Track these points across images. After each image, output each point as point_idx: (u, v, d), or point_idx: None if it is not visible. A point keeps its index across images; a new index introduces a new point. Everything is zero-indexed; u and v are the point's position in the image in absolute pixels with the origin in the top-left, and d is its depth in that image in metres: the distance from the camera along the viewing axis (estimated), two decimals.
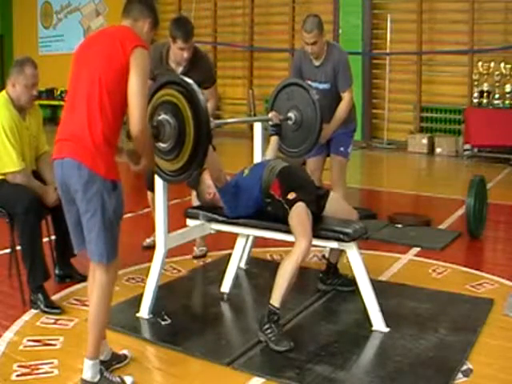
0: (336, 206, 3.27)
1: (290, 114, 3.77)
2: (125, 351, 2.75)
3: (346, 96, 4.09)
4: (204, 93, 4.09)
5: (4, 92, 3.42)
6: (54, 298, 3.42)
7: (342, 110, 4.08)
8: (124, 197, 2.46)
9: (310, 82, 4.08)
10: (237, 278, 3.61)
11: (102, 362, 2.51)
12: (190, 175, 2.79)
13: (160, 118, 2.65)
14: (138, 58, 2.34)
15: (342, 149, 4.27)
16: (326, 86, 4.11)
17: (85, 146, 2.32)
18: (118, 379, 2.49)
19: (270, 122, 3.69)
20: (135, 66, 2.33)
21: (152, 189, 3.41)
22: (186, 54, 3.79)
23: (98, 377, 2.43)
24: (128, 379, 2.52)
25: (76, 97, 2.40)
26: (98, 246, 2.39)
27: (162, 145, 2.69)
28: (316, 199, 3.18)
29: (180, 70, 3.91)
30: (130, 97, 2.33)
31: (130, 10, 2.52)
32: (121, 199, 2.43)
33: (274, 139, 3.69)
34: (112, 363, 2.62)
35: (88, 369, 2.43)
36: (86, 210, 2.35)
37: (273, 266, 3.52)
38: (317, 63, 4.11)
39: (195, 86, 2.66)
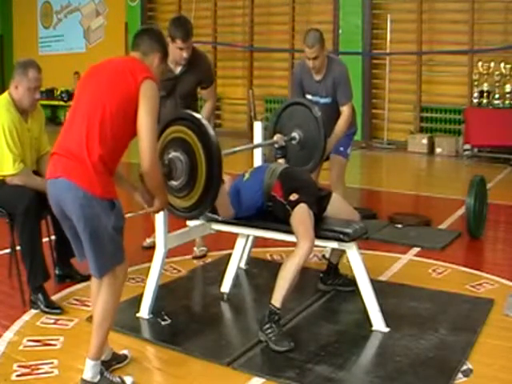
0: (338, 207, 3.27)
1: (294, 134, 3.73)
2: (125, 351, 2.74)
3: (345, 110, 4.08)
4: (203, 93, 4.13)
5: (6, 93, 3.41)
6: (54, 298, 3.42)
7: (340, 125, 4.07)
8: (123, 209, 2.43)
9: (310, 97, 4.09)
10: (237, 277, 3.61)
11: (103, 362, 2.51)
12: (203, 211, 2.78)
13: (170, 156, 2.62)
14: (148, 91, 2.33)
15: (341, 149, 4.28)
16: (326, 100, 4.11)
17: (81, 165, 2.29)
18: (118, 379, 2.49)
19: (276, 145, 3.65)
20: (145, 99, 2.32)
21: None
22: (185, 54, 3.79)
23: (99, 377, 2.43)
24: (128, 379, 2.52)
25: (77, 114, 2.38)
26: (96, 263, 2.38)
27: (173, 183, 2.67)
28: (318, 200, 3.18)
29: (179, 70, 3.92)
30: (140, 131, 2.31)
31: (139, 43, 2.52)
32: (120, 214, 2.40)
33: (281, 163, 3.67)
34: (112, 363, 2.62)
35: (89, 369, 2.42)
36: (83, 230, 2.32)
37: (273, 266, 3.54)
38: (317, 78, 4.11)
39: (204, 121, 2.63)
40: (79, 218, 2.31)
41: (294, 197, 3.06)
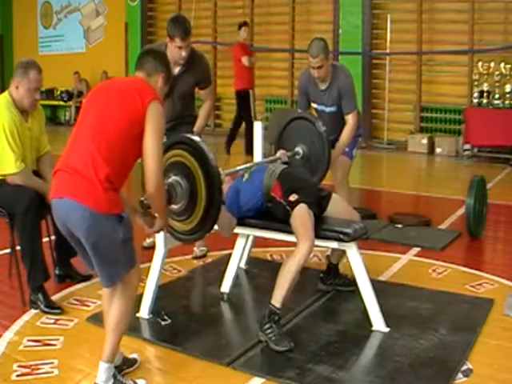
0: (338, 207, 3.26)
1: (298, 149, 3.72)
2: (134, 355, 2.73)
3: (349, 119, 4.08)
4: (202, 93, 4.13)
5: (6, 93, 3.42)
6: (54, 298, 3.42)
7: (346, 135, 4.07)
8: (131, 218, 2.44)
9: (316, 105, 4.09)
10: (237, 277, 3.61)
11: (114, 368, 2.50)
12: (203, 235, 2.77)
13: (170, 180, 2.62)
14: (155, 114, 2.34)
15: (346, 149, 4.28)
16: (332, 108, 4.11)
17: (87, 185, 2.27)
18: (131, 383, 2.49)
19: (279, 161, 3.62)
20: (151, 122, 2.32)
21: None
22: (183, 53, 3.78)
23: (112, 380, 2.43)
24: (141, 382, 2.52)
25: (84, 132, 2.36)
26: (107, 274, 2.38)
27: (173, 206, 2.66)
28: (318, 200, 3.18)
29: (177, 70, 3.91)
30: (146, 153, 2.32)
31: (143, 64, 2.53)
32: (129, 225, 2.39)
33: (280, 164, 3.66)
34: (123, 368, 2.61)
35: (103, 372, 2.42)
36: (92, 248, 2.32)
37: (273, 266, 3.54)
38: (322, 87, 4.11)
39: (203, 144, 2.63)
40: (87, 238, 2.30)
41: (293, 197, 3.06)
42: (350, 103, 4.08)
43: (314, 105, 4.19)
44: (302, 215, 2.99)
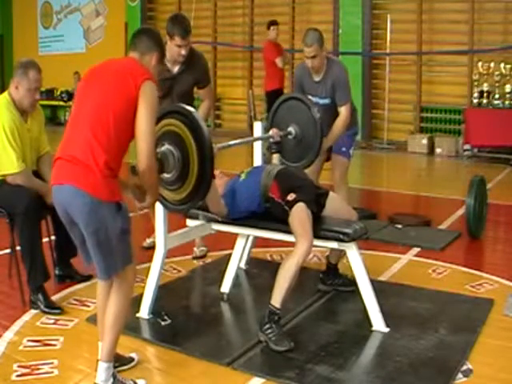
0: (336, 205, 3.27)
1: (291, 129, 3.73)
2: (132, 354, 2.73)
3: (342, 111, 4.09)
4: (201, 92, 4.13)
5: (6, 93, 3.41)
6: (54, 298, 3.42)
7: (338, 126, 4.08)
8: (128, 211, 2.43)
9: (310, 97, 4.09)
10: (237, 277, 3.61)
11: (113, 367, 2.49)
12: (195, 204, 2.78)
13: (163, 148, 2.63)
14: (148, 93, 2.34)
15: (343, 149, 4.28)
16: (326, 101, 4.12)
17: (86, 171, 2.29)
18: (131, 382, 2.49)
19: (271, 140, 3.65)
20: (144, 101, 2.33)
21: None
22: (183, 51, 3.79)
23: (112, 380, 2.42)
24: (141, 382, 2.52)
25: (80, 119, 2.38)
26: (105, 265, 2.38)
27: (165, 175, 2.67)
28: (316, 198, 3.18)
29: (176, 69, 3.92)
30: (139, 132, 2.32)
31: (137, 43, 2.53)
32: (127, 215, 2.40)
33: (276, 157, 3.66)
34: (114, 365, 2.58)
35: (102, 372, 2.42)
36: (91, 235, 2.33)
37: (273, 266, 3.53)
38: (317, 78, 4.12)
39: (197, 115, 2.64)
40: (87, 224, 2.31)
41: (291, 196, 3.06)
42: (343, 95, 4.09)
43: (308, 97, 4.18)
44: (300, 214, 2.99)
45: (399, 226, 5.00)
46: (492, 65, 8.78)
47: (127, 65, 2.46)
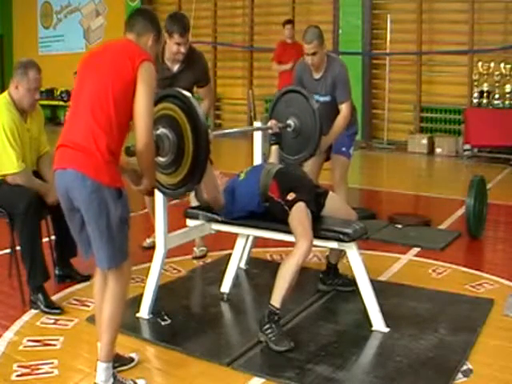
0: (335, 204, 3.27)
1: (290, 121, 3.74)
2: (132, 354, 2.73)
3: (343, 108, 4.08)
4: (200, 91, 4.13)
5: (6, 93, 3.42)
6: (54, 298, 3.42)
7: (338, 123, 4.07)
8: (128, 200, 2.44)
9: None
10: (237, 277, 3.61)
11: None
12: (190, 188, 2.78)
13: (158, 132, 2.63)
14: (146, 73, 2.35)
15: (343, 149, 4.28)
16: (326, 98, 4.11)
17: (88, 156, 2.30)
18: (131, 382, 2.49)
19: (270, 131, 3.66)
20: (142, 81, 2.34)
21: None
22: (182, 49, 3.79)
23: (112, 380, 2.42)
24: (141, 382, 2.52)
25: (80, 104, 2.38)
26: (106, 254, 2.37)
27: (160, 159, 2.68)
28: (315, 197, 3.18)
29: (176, 68, 3.92)
30: (137, 112, 2.33)
31: (133, 24, 2.53)
32: (126, 204, 2.41)
33: (274, 149, 3.66)
34: (114, 365, 2.58)
35: (101, 372, 2.42)
36: (92, 219, 2.33)
37: (273, 266, 3.53)
38: (316, 76, 4.12)
39: (193, 100, 2.65)
40: (88, 206, 2.31)
41: (291, 196, 3.06)
42: (344, 92, 4.09)
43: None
44: (299, 214, 2.99)
45: (399, 226, 5.00)
46: (492, 65, 8.78)
47: (124, 47, 2.46)
